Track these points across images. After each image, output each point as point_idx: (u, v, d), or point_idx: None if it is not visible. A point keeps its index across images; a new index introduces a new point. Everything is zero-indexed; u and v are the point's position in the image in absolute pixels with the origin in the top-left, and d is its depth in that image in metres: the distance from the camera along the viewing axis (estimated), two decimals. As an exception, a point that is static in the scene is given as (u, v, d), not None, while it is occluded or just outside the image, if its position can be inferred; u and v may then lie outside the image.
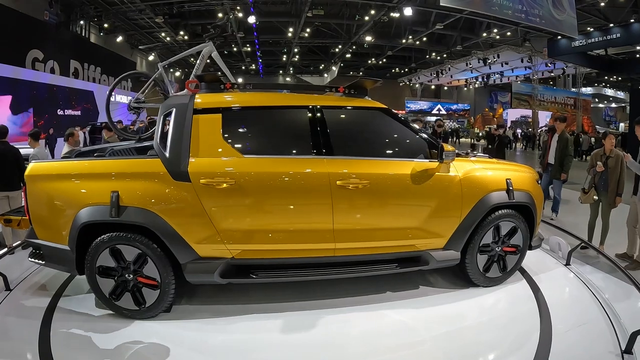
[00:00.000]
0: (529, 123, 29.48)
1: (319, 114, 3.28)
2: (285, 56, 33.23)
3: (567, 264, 4.35)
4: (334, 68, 35.52)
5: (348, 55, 30.86)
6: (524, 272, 4.08)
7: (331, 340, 2.96)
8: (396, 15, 19.20)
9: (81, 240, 3.00)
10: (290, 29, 24.98)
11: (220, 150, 3.07)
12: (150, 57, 30.31)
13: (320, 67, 38.65)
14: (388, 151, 3.57)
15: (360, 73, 42.46)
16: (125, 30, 24.24)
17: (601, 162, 5.15)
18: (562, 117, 7.48)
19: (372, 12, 21.19)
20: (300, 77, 41.95)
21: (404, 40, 25.55)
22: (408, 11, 17.59)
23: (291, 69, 39.18)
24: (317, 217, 3.16)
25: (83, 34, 21.04)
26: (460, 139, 32.67)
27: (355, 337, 3.02)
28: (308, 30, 25.24)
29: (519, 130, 28.31)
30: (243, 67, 38.07)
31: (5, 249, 4.09)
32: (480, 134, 30.57)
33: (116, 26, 23.04)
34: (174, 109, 3.16)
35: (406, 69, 37.34)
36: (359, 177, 3.17)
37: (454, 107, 43.83)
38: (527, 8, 15.70)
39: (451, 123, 40.53)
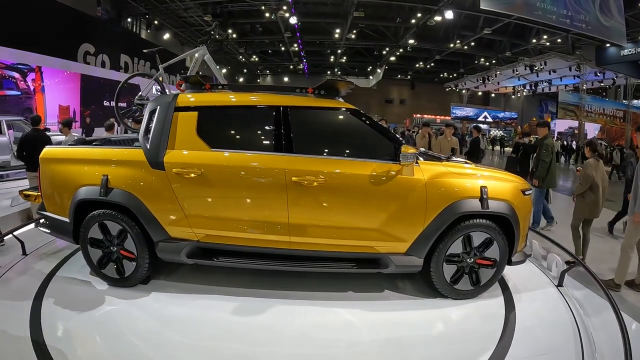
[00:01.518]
0: (575, 135, 27.16)
1: (282, 114, 3.28)
2: (332, 57, 32.74)
3: (559, 284, 3.83)
4: (378, 70, 34.77)
5: (393, 58, 29.88)
6: (506, 289, 3.68)
7: (272, 325, 2.98)
8: (439, 18, 18.24)
9: (78, 214, 3.37)
10: (337, 30, 24.61)
11: (193, 144, 3.24)
12: (196, 55, 30.70)
13: (368, 69, 37.73)
14: (349, 151, 3.36)
15: (409, 77, 41.56)
16: (174, 27, 24.57)
17: None
18: (543, 123, 7.09)
19: (419, 14, 20.32)
20: (345, 78, 41.41)
21: (451, 45, 24.41)
22: (449, 14, 16.68)
23: (335, 69, 38.53)
24: (273, 210, 3.19)
25: (134, 30, 21.54)
26: (505, 148, 30.60)
27: (295, 326, 2.99)
28: (355, 32, 24.77)
29: (564, 142, 25.97)
30: (291, 67, 37.81)
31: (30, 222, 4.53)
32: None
33: (165, 23, 23.46)
34: (159, 107, 3.36)
35: (455, 74, 35.63)
36: (315, 174, 3.11)
37: (501, 115, 41.35)
38: (572, 13, 14.34)
39: (498, 131, 38.42)
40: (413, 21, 21.35)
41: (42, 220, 3.67)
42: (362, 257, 3.28)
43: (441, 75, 37.15)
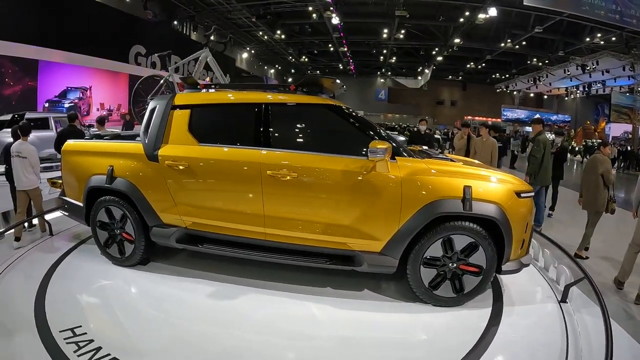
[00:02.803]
0: (630, 140, 24.31)
1: (262, 110, 3.25)
2: (382, 57, 31.81)
3: (563, 300, 3.33)
4: (426, 71, 33.36)
5: (440, 58, 28.31)
6: (498, 300, 3.28)
7: (243, 311, 2.99)
8: (483, 16, 16.98)
9: (89, 200, 3.66)
10: (385, 30, 23.85)
11: (184, 139, 3.35)
12: (244, 55, 30.82)
13: (418, 70, 36.30)
14: (324, 146, 3.16)
15: (460, 77, 39.53)
16: (223, 28, 24.66)
17: None
18: (536, 120, 6.35)
19: (466, 12, 19.14)
20: (394, 78, 40.24)
21: (502, 44, 22.75)
22: (493, 11, 15.50)
23: (383, 70, 37.48)
24: (250, 202, 3.16)
25: (183, 32, 21.98)
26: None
27: (265, 314, 2.95)
28: (402, 32, 23.89)
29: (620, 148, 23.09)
30: (340, 67, 37.11)
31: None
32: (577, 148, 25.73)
33: (214, 25, 23.78)
34: (157, 105, 3.52)
35: (506, 75, 33.18)
36: (288, 168, 3.04)
37: (554, 117, 38.01)
38: (622, 8, 12.64)
39: (551, 135, 35.41)
40: (461, 20, 20.20)
41: (63, 205, 4.05)
42: (335, 253, 3.10)
43: (493, 76, 34.71)
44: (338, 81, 3.72)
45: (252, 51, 31.58)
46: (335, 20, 20.12)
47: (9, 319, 2.74)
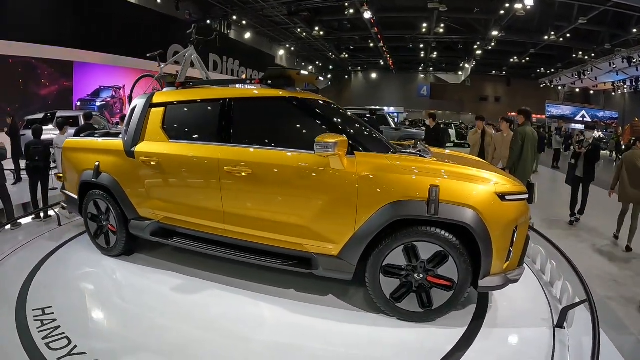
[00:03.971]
0: None
1: (225, 106, 3.10)
2: (422, 52, 30.20)
3: (558, 325, 2.74)
4: (467, 66, 31.48)
5: (480, 52, 26.46)
6: (478, 318, 2.79)
7: (197, 305, 2.90)
8: (519, 6, 15.43)
9: (81, 193, 3.76)
10: (425, 24, 22.61)
11: (157, 136, 3.31)
12: (281, 52, 30.24)
13: (460, 64, 34.24)
14: (281, 141, 2.87)
15: (504, 72, 36.89)
16: (260, 26, 24.53)
17: None
18: (521, 111, 5.57)
19: (506, 5, 17.64)
20: (435, 74, 38.34)
21: (545, 37, 20.82)
22: (529, 1, 14.07)
23: (422, 65, 35.73)
24: (211, 198, 3.04)
25: (222, 30, 21.81)
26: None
27: (215, 312, 2.83)
28: (442, 25, 22.56)
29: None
30: (381, 62, 35.53)
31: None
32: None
33: (252, 22, 23.42)
34: (137, 104, 3.50)
35: (551, 70, 30.47)
36: (244, 165, 2.85)
37: (600, 114, 34.44)
38: None
39: (597, 133, 32.33)
40: (502, 12, 18.72)
41: (65, 198, 4.21)
42: (291, 254, 2.82)
43: (538, 70, 31.96)
44: (321, 78, 3.52)
45: (292, 48, 31.29)
46: (368, 14, 19.29)
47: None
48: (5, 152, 4.83)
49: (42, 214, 5.01)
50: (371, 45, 28.08)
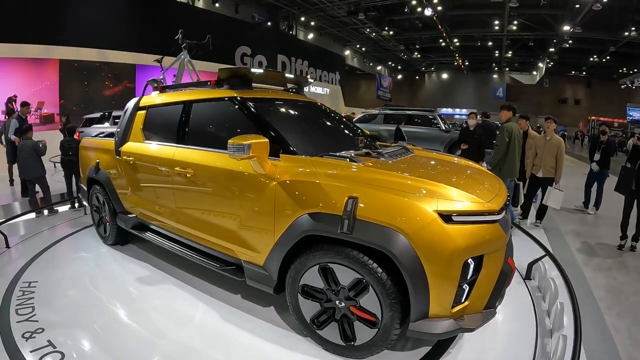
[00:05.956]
0: None
1: (185, 108, 3.15)
2: (497, 51, 27.97)
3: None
4: (540, 65, 28.46)
5: (553, 50, 23.74)
6: (444, 343, 2.36)
7: (140, 294, 3.03)
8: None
9: (88, 187, 4.17)
10: (497, 22, 20.93)
11: (138, 137, 3.51)
12: (346, 52, 29.74)
13: (533, 64, 31.13)
14: (221, 143, 2.58)
15: (584, 73, 32.73)
16: (329, 27, 24.16)
17: None
18: (505, 106, 5.17)
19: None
20: (509, 74, 35.28)
21: (626, 33, 18.07)
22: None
23: (497, 66, 33.01)
24: (167, 197, 3.13)
25: (289, 32, 21.93)
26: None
27: (153, 305, 2.87)
28: (515, 22, 20.68)
29: None
30: (454, 63, 33.73)
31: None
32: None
33: (320, 23, 23.18)
34: (128, 107, 3.71)
35: (634, 70, 26.24)
36: (187, 166, 2.87)
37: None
38: None
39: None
40: (577, 6, 16.63)
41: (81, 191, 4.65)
42: (227, 259, 2.72)
43: (619, 70, 27.75)
44: (310, 78, 3.28)
45: (363, 49, 30.78)
46: (428, 12, 18.34)
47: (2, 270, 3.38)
48: (45, 148, 5.38)
49: (76, 204, 5.49)
50: (442, 44, 26.71)
